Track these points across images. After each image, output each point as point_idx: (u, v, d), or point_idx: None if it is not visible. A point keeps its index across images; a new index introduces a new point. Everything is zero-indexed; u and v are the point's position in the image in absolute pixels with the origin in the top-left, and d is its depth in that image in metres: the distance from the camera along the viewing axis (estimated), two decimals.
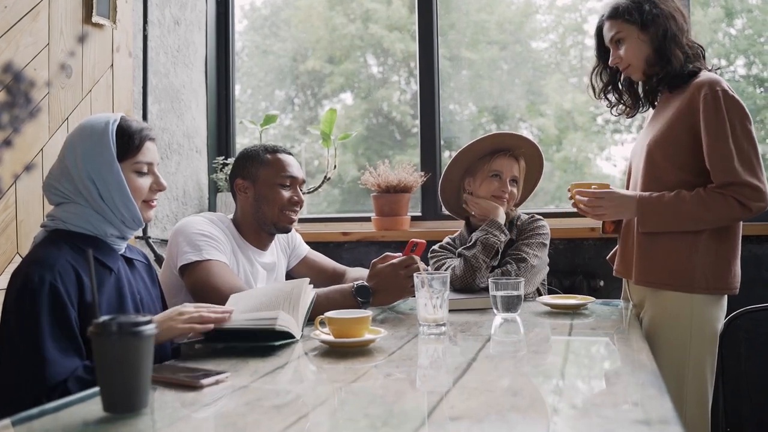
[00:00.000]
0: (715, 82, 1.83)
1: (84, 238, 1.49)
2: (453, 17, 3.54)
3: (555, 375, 1.17)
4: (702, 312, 1.87)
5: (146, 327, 0.99)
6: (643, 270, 1.94)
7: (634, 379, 1.14)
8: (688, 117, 1.86)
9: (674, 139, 1.88)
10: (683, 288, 1.86)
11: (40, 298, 1.33)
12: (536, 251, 2.16)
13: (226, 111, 3.43)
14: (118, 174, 1.49)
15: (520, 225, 2.25)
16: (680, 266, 1.87)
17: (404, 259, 1.84)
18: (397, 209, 2.99)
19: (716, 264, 1.87)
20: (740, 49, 3.09)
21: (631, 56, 1.98)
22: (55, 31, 2.27)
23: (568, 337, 1.53)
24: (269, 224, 2.01)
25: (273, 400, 1.05)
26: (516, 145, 2.26)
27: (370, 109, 4.06)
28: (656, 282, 1.92)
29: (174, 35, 3.09)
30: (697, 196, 1.81)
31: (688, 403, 1.84)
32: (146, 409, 1.00)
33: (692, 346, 1.86)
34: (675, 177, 1.89)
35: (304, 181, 2.10)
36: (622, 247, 2.08)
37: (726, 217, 1.82)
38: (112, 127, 1.51)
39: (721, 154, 1.79)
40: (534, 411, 0.96)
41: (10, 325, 1.35)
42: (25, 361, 1.31)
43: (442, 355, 1.44)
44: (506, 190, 2.23)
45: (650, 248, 1.92)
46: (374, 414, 0.97)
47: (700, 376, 1.86)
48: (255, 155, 2.05)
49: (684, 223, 1.84)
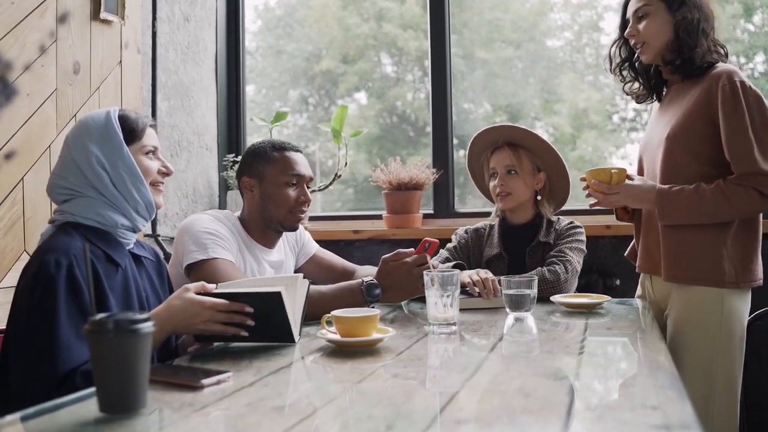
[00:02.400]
0: (733, 72, 1.80)
1: (93, 231, 1.47)
2: (467, 16, 3.50)
3: (569, 376, 1.13)
4: (731, 307, 1.82)
5: (144, 325, 0.96)
6: (672, 265, 1.87)
7: (653, 381, 1.09)
8: (706, 108, 1.82)
9: (693, 130, 1.84)
10: (713, 283, 1.81)
11: (58, 281, 1.31)
12: (577, 256, 2.12)
13: (236, 108, 3.41)
14: (129, 157, 1.49)
15: (558, 229, 2.20)
16: (709, 260, 1.82)
17: (417, 257, 1.80)
18: (408, 207, 2.95)
19: (743, 257, 1.83)
20: (759, 45, 3.03)
21: (650, 34, 1.91)
22: (63, 27, 2.26)
23: (583, 337, 1.48)
24: (276, 223, 1.98)
25: (275, 400, 1.02)
26: (494, 138, 2.23)
27: (384, 108, 4.02)
28: (685, 277, 1.86)
29: (184, 32, 3.07)
30: (717, 189, 1.77)
31: (717, 403, 1.79)
32: (144, 410, 0.96)
33: (722, 343, 1.81)
34: (696, 169, 1.84)
35: (312, 178, 2.04)
36: (645, 243, 2.02)
37: (747, 209, 1.78)
38: (114, 115, 1.51)
39: (740, 144, 1.75)
40: (547, 413, 0.91)
41: (23, 310, 1.33)
42: (40, 346, 1.28)
43: (452, 355, 1.40)
44: (500, 184, 2.20)
45: (677, 243, 1.86)
46: (380, 415, 0.93)
47: (729, 374, 1.81)
48: (262, 152, 2.01)
49: (705, 215, 1.79)
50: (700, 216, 1.80)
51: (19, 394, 1.27)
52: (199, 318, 1.38)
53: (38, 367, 1.27)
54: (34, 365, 1.28)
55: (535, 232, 2.20)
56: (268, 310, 1.41)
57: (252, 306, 1.41)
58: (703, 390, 1.79)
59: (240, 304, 1.40)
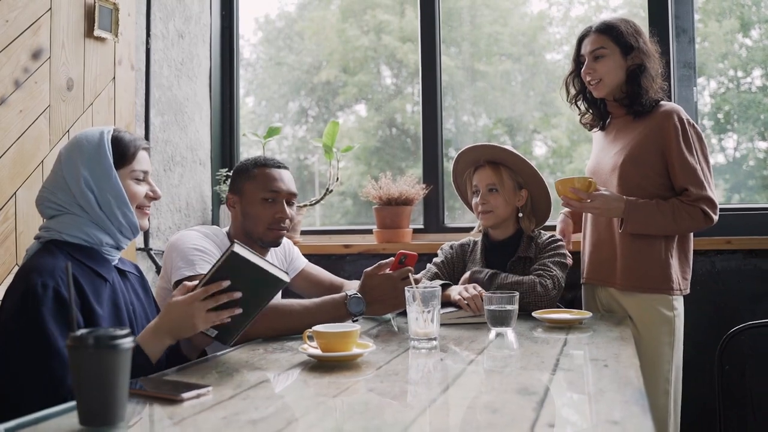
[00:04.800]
0: (679, 110, 2.11)
1: (79, 248, 1.50)
2: (466, 29, 3.54)
3: (539, 391, 1.16)
4: (678, 311, 2.12)
5: (123, 341, 0.99)
6: (629, 276, 2.14)
7: (620, 396, 1.12)
8: (656, 140, 2.10)
9: (645, 159, 2.11)
10: (664, 290, 2.10)
11: (45, 303, 1.35)
12: (561, 270, 2.15)
13: (230, 123, 3.45)
14: (116, 181, 1.52)
15: (540, 243, 2.24)
16: (660, 271, 2.11)
17: (401, 271, 1.83)
18: (398, 222, 2.98)
19: (683, 268, 2.15)
20: (757, 60, 3.07)
21: (606, 73, 2.16)
22: (57, 45, 2.30)
23: (560, 353, 1.51)
24: (256, 239, 2.00)
25: (251, 414, 1.05)
26: (477, 157, 2.29)
27: (383, 120, 4.06)
28: (641, 286, 2.12)
29: (178, 48, 3.11)
30: (673, 206, 2.05)
31: (673, 395, 2.09)
32: (122, 423, 0.99)
33: (674, 344, 2.10)
34: (648, 191, 2.11)
35: (294, 194, 2.05)
36: (596, 256, 2.25)
37: (693, 226, 2.08)
38: (107, 137, 1.54)
39: (691, 173, 2.06)
40: (510, 429, 0.95)
41: (13, 334, 1.36)
42: (37, 364, 1.32)
43: (430, 369, 1.43)
44: (482, 202, 2.24)
45: (633, 254, 2.13)
46: (350, 429, 0.96)
47: (679, 368, 2.12)
48: (244, 169, 2.04)
49: (663, 227, 2.07)
50: (658, 227, 2.07)
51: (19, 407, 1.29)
52: (191, 316, 1.40)
53: (39, 386, 1.31)
54: (33, 386, 1.31)
55: (516, 247, 2.23)
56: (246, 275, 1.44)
57: (231, 277, 1.43)
58: (663, 386, 2.08)
59: (216, 284, 1.42)
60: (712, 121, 3.12)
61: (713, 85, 3.13)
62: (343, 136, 2.99)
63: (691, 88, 2.76)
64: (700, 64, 2.93)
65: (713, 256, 2.56)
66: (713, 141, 3.13)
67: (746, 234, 2.55)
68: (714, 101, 3.12)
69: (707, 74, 3.07)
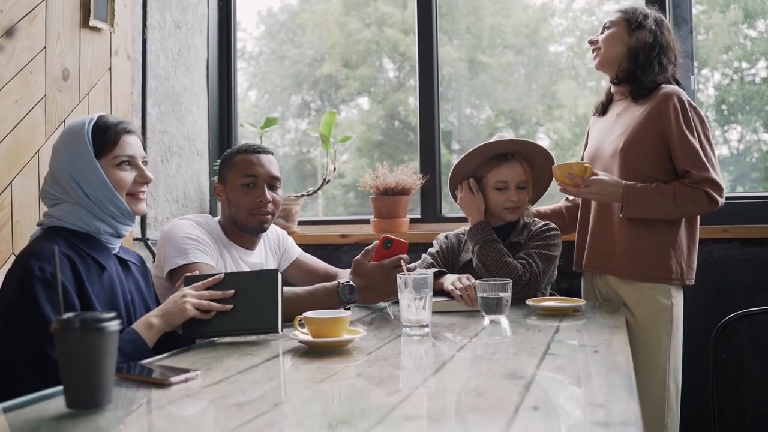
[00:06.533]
0: (679, 92, 2.07)
1: (79, 235, 1.52)
2: (469, 21, 3.53)
3: (526, 376, 1.16)
4: (677, 301, 2.09)
5: (109, 323, 0.99)
6: (628, 265, 2.10)
7: (607, 380, 1.12)
8: (657, 123, 2.06)
9: (646, 142, 2.08)
10: (663, 280, 2.07)
11: (42, 286, 1.37)
12: (544, 262, 2.12)
13: (228, 113, 3.45)
14: (97, 170, 1.52)
15: (533, 230, 2.22)
16: (660, 260, 2.07)
17: (393, 259, 1.83)
18: (395, 211, 2.98)
19: (686, 257, 2.10)
20: (761, 51, 3.05)
21: (604, 42, 2.19)
22: (52, 35, 2.30)
23: (551, 339, 1.51)
24: (242, 225, 2.01)
25: (238, 397, 1.05)
26: (518, 150, 2.21)
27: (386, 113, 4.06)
28: (640, 275, 2.09)
29: (174, 38, 3.11)
30: (674, 189, 2.00)
31: (671, 386, 2.06)
32: (109, 406, 1.00)
33: (673, 333, 2.07)
34: (650, 174, 2.07)
35: (275, 177, 2.02)
36: (595, 243, 2.21)
37: (696, 209, 2.03)
38: (88, 126, 1.55)
39: (693, 155, 2.01)
40: (495, 412, 0.95)
41: (11, 316, 1.38)
42: (33, 347, 1.33)
43: (421, 355, 1.43)
44: (514, 200, 2.18)
45: (633, 244, 2.09)
46: (334, 412, 0.96)
47: (677, 359, 2.09)
48: (227, 157, 2.05)
49: (664, 211, 2.02)
50: (659, 211, 2.02)
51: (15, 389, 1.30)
52: (184, 299, 1.48)
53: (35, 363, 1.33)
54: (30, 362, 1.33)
55: (509, 233, 2.23)
56: (257, 290, 1.53)
57: (242, 287, 1.54)
58: (661, 375, 2.05)
59: (216, 277, 1.54)
60: (716, 113, 3.11)
61: (717, 77, 3.11)
62: (346, 129, 2.99)
63: (689, 77, 2.74)
64: (704, 56, 2.92)
65: (710, 245, 2.55)
66: (717, 133, 3.11)
67: (744, 223, 2.54)
68: (718, 93, 3.10)
69: (711, 66, 3.05)
